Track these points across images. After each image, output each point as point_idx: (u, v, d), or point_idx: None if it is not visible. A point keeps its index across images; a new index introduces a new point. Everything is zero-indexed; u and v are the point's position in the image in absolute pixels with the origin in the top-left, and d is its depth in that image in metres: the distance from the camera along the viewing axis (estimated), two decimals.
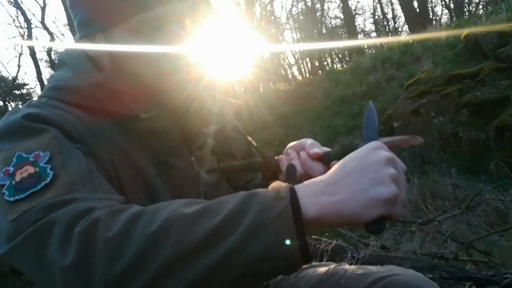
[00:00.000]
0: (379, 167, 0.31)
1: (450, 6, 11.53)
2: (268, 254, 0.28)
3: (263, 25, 8.21)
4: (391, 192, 0.30)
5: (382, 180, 0.30)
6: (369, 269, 0.50)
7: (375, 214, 0.29)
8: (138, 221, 0.29)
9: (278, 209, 0.28)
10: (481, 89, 2.71)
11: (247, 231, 0.27)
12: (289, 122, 4.63)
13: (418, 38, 4.76)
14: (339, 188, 0.30)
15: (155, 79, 0.44)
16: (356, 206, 0.29)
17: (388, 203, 0.30)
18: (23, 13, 8.87)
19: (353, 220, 0.30)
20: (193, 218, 0.29)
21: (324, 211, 0.29)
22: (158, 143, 0.45)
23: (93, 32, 0.43)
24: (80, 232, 0.29)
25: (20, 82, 10.72)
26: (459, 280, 1.07)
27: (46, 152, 0.35)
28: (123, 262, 0.27)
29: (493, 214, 1.73)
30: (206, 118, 0.50)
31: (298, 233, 0.28)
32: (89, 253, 0.28)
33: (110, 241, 0.28)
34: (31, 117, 0.37)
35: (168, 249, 0.27)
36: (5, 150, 0.35)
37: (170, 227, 0.28)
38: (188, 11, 0.44)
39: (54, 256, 0.29)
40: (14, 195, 0.32)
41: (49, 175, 0.33)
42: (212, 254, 0.27)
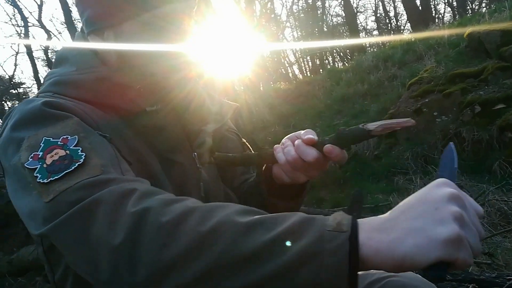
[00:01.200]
0: (440, 204, 0.27)
1: (452, 4, 11.48)
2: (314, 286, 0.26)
3: (263, 23, 8.20)
4: (452, 232, 0.26)
5: (442, 218, 0.27)
6: (367, 271, 0.48)
7: (432, 258, 0.26)
8: (191, 216, 0.29)
9: (336, 242, 0.26)
10: (485, 88, 2.69)
11: (298, 256, 0.26)
12: (289, 121, 4.62)
13: (421, 36, 4.74)
14: (396, 225, 0.27)
15: (161, 74, 0.44)
16: (411, 244, 0.26)
17: (448, 245, 0.26)
18: (20, 11, 8.92)
19: (408, 262, 0.26)
20: (247, 229, 0.28)
21: (378, 250, 0.27)
22: (161, 138, 0.45)
23: (102, 28, 0.43)
24: (133, 213, 0.29)
25: (17, 81, 10.78)
26: (462, 282, 1.06)
27: (74, 136, 0.35)
28: (170, 253, 0.27)
29: (496, 215, 1.71)
30: (206, 116, 0.51)
31: (350, 273, 0.26)
32: (140, 236, 0.28)
33: (162, 229, 0.28)
34: (51, 104, 0.38)
35: (216, 252, 0.27)
36: (30, 137, 0.35)
37: (222, 232, 0.28)
38: (194, 9, 0.45)
39: (102, 235, 0.29)
40: (47, 177, 0.32)
41: (81, 156, 0.34)
42: (257, 270, 0.26)
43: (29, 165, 0.33)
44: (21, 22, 9.31)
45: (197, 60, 0.45)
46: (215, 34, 0.52)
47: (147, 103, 0.44)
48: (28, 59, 9.49)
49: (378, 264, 0.27)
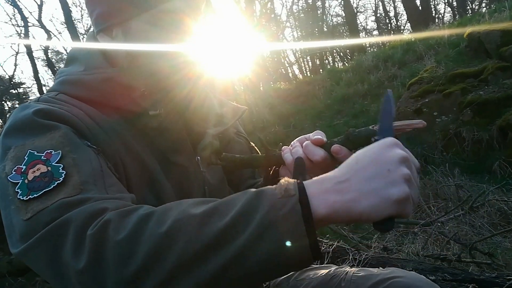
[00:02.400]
0: (392, 166, 0.30)
1: (452, 4, 11.47)
2: (278, 253, 0.27)
3: (263, 23, 8.19)
4: (403, 193, 0.29)
5: (394, 180, 0.29)
6: (371, 271, 0.49)
7: (385, 215, 0.29)
8: (148, 222, 0.29)
9: (287, 208, 0.28)
10: (485, 88, 2.68)
11: (256, 231, 0.27)
12: (289, 121, 4.62)
13: (421, 36, 4.74)
14: (350, 187, 0.30)
15: (164, 73, 0.44)
16: (366, 205, 0.29)
17: (399, 203, 0.29)
18: (20, 11, 8.90)
19: (363, 219, 0.29)
20: (202, 219, 0.29)
21: (334, 210, 0.29)
22: (163, 139, 0.45)
23: (110, 26, 0.44)
24: (91, 234, 0.29)
25: (17, 81, 10.74)
26: (462, 282, 1.06)
27: (58, 151, 0.35)
28: (134, 264, 0.28)
29: (497, 215, 1.71)
30: (211, 119, 0.51)
31: (308, 231, 0.27)
32: (102, 256, 0.28)
33: (121, 243, 0.28)
34: (42, 113, 0.37)
35: (178, 250, 0.27)
36: (16, 147, 0.35)
37: (180, 228, 0.28)
38: (201, 6, 0.45)
39: (69, 259, 0.29)
40: (27, 194, 0.32)
41: (62, 174, 0.33)
42: (222, 254, 0.27)
43: (11, 178, 0.34)
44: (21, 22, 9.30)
45: (198, 60, 0.45)
46: (215, 34, 0.51)
47: (150, 105, 0.44)
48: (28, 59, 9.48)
49: (335, 221, 0.30)
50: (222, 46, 0.55)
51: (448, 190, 2.03)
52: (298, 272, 0.55)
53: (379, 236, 1.66)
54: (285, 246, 0.27)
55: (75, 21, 7.85)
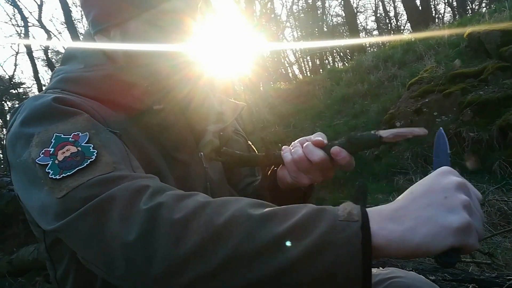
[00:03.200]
0: (449, 193, 0.28)
1: (452, 4, 11.47)
2: (329, 276, 0.26)
3: (263, 23, 8.19)
4: (463, 220, 0.27)
5: (452, 207, 0.28)
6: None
7: (444, 245, 0.27)
8: (205, 210, 0.29)
9: (349, 232, 0.27)
10: (485, 88, 2.68)
11: (313, 247, 0.26)
12: (289, 121, 4.62)
13: (421, 36, 4.74)
14: (407, 215, 0.28)
15: (164, 73, 0.44)
16: (424, 234, 0.27)
17: (460, 233, 0.27)
18: (20, 11, 8.91)
19: (422, 250, 0.27)
20: (260, 221, 0.28)
21: (391, 240, 0.27)
22: (166, 136, 0.45)
23: (108, 27, 0.43)
24: (145, 210, 0.29)
25: (17, 81, 10.76)
26: (462, 282, 1.06)
27: (85, 132, 0.35)
28: (186, 247, 0.27)
29: (497, 215, 1.71)
30: (211, 116, 0.51)
31: (364, 262, 0.26)
32: (154, 232, 0.28)
33: (177, 224, 0.28)
34: (61, 100, 0.37)
35: (231, 245, 0.27)
36: (39, 133, 0.35)
37: (237, 225, 0.28)
38: (197, 7, 0.45)
39: (116, 231, 0.29)
40: (59, 173, 0.32)
41: (93, 153, 0.33)
42: (273, 261, 0.26)
43: (40, 161, 0.33)
44: (21, 22, 9.32)
45: (198, 59, 0.45)
46: (215, 34, 0.51)
47: (153, 101, 0.44)
48: (28, 59, 9.49)
49: (391, 253, 0.27)
50: (222, 46, 0.55)
51: None
52: None
53: None
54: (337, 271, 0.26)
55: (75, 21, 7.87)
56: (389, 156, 2.88)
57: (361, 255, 0.26)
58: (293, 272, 0.26)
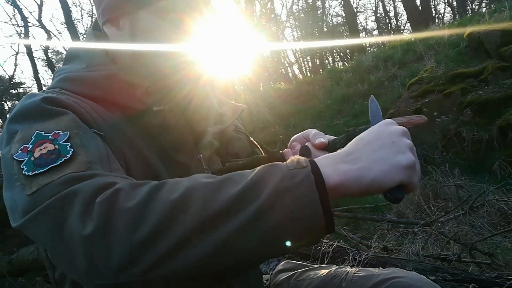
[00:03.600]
0: (395, 138, 0.32)
1: (452, 4, 11.47)
2: (291, 221, 0.27)
3: (263, 23, 8.18)
4: (410, 159, 0.31)
5: (400, 149, 0.31)
6: (371, 272, 0.49)
7: (395, 180, 0.30)
8: (160, 191, 0.29)
9: (300, 176, 0.29)
10: (485, 88, 2.68)
11: (271, 196, 0.28)
12: (289, 121, 4.62)
13: (421, 36, 4.74)
14: (359, 157, 0.31)
15: (168, 72, 0.44)
16: (377, 172, 0.30)
17: (408, 170, 0.31)
18: (20, 11, 8.90)
19: (375, 186, 0.30)
20: (215, 186, 0.29)
21: (346, 178, 0.30)
22: (165, 137, 0.45)
23: (118, 16, 0.43)
24: (101, 202, 0.29)
25: (17, 81, 10.75)
26: (462, 282, 1.06)
27: (66, 132, 0.35)
28: (145, 230, 0.27)
29: (497, 215, 1.71)
30: (212, 118, 0.51)
31: (321, 198, 0.28)
32: (111, 222, 0.28)
33: (132, 210, 0.28)
34: (50, 100, 0.37)
35: (191, 215, 0.27)
36: (23, 130, 0.35)
37: (193, 194, 0.28)
38: (209, 2, 0.46)
39: (74, 227, 0.28)
40: (33, 170, 0.32)
41: (69, 152, 0.33)
42: (236, 219, 0.27)
43: (17, 157, 0.33)
44: (21, 22, 9.30)
45: (199, 59, 0.45)
46: (215, 34, 0.51)
47: (154, 102, 0.44)
48: (28, 59, 9.48)
49: (345, 190, 0.30)
50: (222, 46, 0.55)
51: (448, 190, 2.03)
52: (299, 272, 0.55)
53: (379, 236, 1.66)
54: (298, 213, 0.27)
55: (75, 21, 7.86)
56: None
57: (316, 192, 0.28)
58: (256, 225, 0.27)
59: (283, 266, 0.60)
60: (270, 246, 0.28)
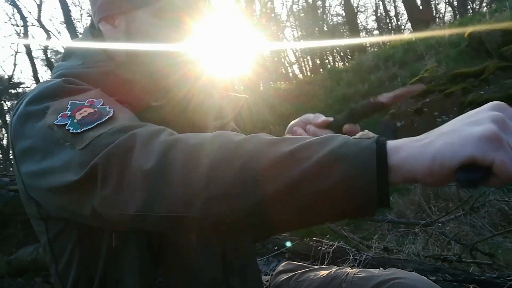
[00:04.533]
0: (478, 112, 0.26)
1: (453, 3, 11.46)
2: (343, 186, 0.26)
3: (263, 22, 8.18)
4: (488, 129, 0.23)
5: (477, 120, 0.25)
6: (372, 273, 0.49)
7: (462, 154, 0.23)
8: (219, 136, 0.31)
9: (362, 145, 0.27)
10: (485, 88, 2.68)
11: (326, 158, 0.26)
12: (289, 121, 4.51)
13: (421, 36, 4.74)
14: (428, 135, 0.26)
15: (166, 70, 0.44)
16: (440, 145, 0.24)
17: (484, 142, 0.23)
18: (19, 11, 8.95)
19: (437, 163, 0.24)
20: (273, 141, 0.29)
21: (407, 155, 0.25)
22: None
23: (113, 14, 0.43)
24: (163, 141, 0.31)
25: (16, 81, 10.80)
26: (462, 282, 1.06)
27: (99, 99, 0.36)
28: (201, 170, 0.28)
29: (497, 215, 1.71)
30: (213, 112, 0.51)
31: (378, 170, 0.25)
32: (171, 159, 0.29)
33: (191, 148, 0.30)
34: (71, 82, 0.39)
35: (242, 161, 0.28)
36: (54, 104, 0.35)
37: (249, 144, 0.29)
38: (206, 2, 0.45)
39: (138, 162, 0.30)
40: (80, 128, 0.33)
41: (110, 111, 0.35)
42: (284, 176, 0.27)
43: (58, 122, 0.34)
44: (20, 21, 9.32)
45: (198, 58, 0.45)
46: (215, 33, 0.51)
47: (152, 99, 0.44)
48: (28, 58, 9.48)
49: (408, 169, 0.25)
50: (222, 45, 0.55)
51: (449, 190, 2.03)
52: (299, 273, 0.55)
53: (379, 236, 1.65)
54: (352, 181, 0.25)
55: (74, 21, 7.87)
56: None
57: (375, 164, 0.25)
58: (307, 184, 0.26)
59: (283, 267, 0.60)
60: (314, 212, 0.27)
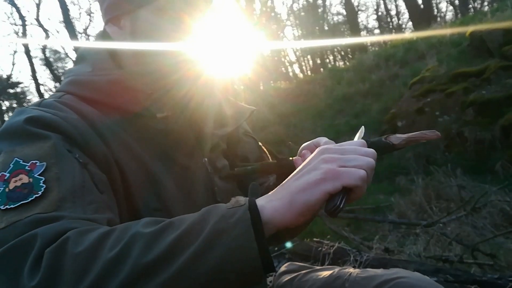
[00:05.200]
0: (313, 161, 0.34)
1: (455, 2, 11.43)
2: (229, 260, 0.28)
3: (264, 21, 8.18)
4: (323, 170, 0.32)
5: (314, 167, 0.33)
6: (375, 272, 0.49)
7: (319, 193, 0.31)
8: (106, 239, 0.30)
9: (237, 215, 0.30)
10: (487, 88, 2.67)
11: (207, 239, 0.28)
12: (290, 121, 4.61)
13: (422, 35, 4.73)
14: (285, 189, 0.33)
15: (168, 70, 0.44)
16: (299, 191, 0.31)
17: (327, 179, 0.31)
18: (18, 10, 8.97)
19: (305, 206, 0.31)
20: (155, 234, 0.30)
21: (275, 210, 0.31)
22: (165, 139, 0.45)
23: (119, 15, 0.45)
24: (49, 251, 0.29)
25: (15, 81, 10.78)
26: (464, 283, 1.05)
27: (43, 162, 0.35)
28: (88, 280, 0.28)
29: (499, 215, 1.70)
30: (220, 120, 0.51)
31: (256, 236, 0.28)
32: (56, 272, 0.28)
33: (78, 257, 0.29)
34: (33, 121, 0.38)
35: (129, 264, 0.28)
36: (5, 153, 0.36)
37: (133, 244, 0.29)
38: (208, 2, 0.46)
39: (25, 277, 0.29)
40: (5, 203, 0.33)
41: (41, 188, 0.34)
42: (173, 265, 0.28)
43: None
44: (18, 20, 9.36)
45: (199, 57, 0.45)
46: (215, 33, 0.51)
47: (157, 108, 0.44)
48: (26, 58, 9.50)
49: (280, 220, 0.30)
50: (222, 44, 0.54)
51: (450, 190, 2.02)
52: (302, 273, 0.55)
53: (380, 237, 1.65)
54: (235, 253, 0.28)
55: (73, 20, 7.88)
56: (391, 157, 2.87)
57: (252, 230, 0.29)
58: (193, 269, 0.28)
59: (286, 267, 0.60)
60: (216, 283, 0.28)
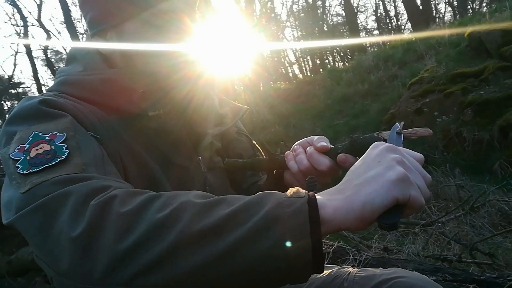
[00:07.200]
0: (381, 157, 0.32)
1: (453, 3, 11.47)
2: (279, 250, 0.27)
3: (263, 22, 8.19)
4: (399, 172, 0.29)
5: (387, 165, 0.30)
6: (373, 272, 0.49)
7: (387, 198, 0.28)
8: (154, 203, 0.29)
9: (295, 206, 0.28)
10: (485, 88, 2.68)
11: (259, 224, 0.27)
12: (289, 121, 4.61)
13: (421, 36, 4.74)
14: (348, 185, 0.31)
15: (161, 74, 0.44)
16: (367, 193, 0.29)
17: (399, 184, 0.29)
18: (19, 11, 8.96)
19: (368, 209, 0.28)
20: (207, 206, 0.29)
21: (336, 208, 0.29)
22: (162, 140, 0.45)
23: (104, 29, 0.44)
24: (95, 205, 0.29)
25: (16, 81, 10.82)
26: (462, 282, 1.06)
27: (63, 133, 0.36)
28: (132, 239, 0.27)
29: (497, 215, 1.71)
30: (213, 119, 0.51)
31: (312, 232, 0.27)
32: (100, 226, 0.28)
33: (123, 217, 0.28)
34: (48, 103, 0.38)
35: (177, 230, 0.27)
36: (21, 131, 0.36)
37: (182, 211, 0.28)
38: (195, 7, 0.45)
39: (64, 226, 0.29)
40: (27, 168, 0.33)
41: (65, 153, 0.34)
42: (219, 242, 0.27)
43: (13, 156, 0.34)
44: (20, 21, 9.33)
45: (197, 59, 0.45)
46: (214, 34, 0.51)
47: (150, 106, 0.44)
48: (28, 58, 9.50)
49: (340, 221, 0.28)
50: (222, 45, 0.55)
51: (448, 190, 2.03)
52: None
53: (379, 236, 1.65)
54: (285, 245, 0.26)
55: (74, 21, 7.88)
56: None
57: (308, 224, 0.27)
58: (240, 251, 0.26)
59: None
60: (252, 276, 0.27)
